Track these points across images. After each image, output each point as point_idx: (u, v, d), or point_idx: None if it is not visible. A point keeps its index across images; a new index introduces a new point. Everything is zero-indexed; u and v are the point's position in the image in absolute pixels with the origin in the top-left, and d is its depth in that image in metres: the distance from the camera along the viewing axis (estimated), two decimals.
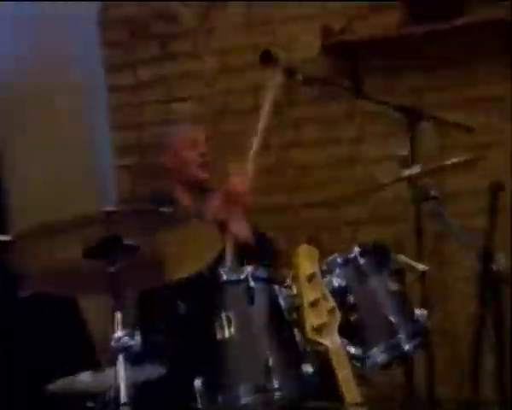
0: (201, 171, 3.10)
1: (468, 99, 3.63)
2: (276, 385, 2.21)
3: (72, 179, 3.68)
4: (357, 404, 2.08)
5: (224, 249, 2.64)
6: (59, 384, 2.26)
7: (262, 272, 2.36)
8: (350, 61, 3.72)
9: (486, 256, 2.68)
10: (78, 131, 3.81)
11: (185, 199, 3.10)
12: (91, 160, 3.88)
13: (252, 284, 2.30)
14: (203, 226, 2.16)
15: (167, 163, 3.12)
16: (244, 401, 2.21)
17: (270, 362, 2.19)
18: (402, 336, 2.42)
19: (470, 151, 3.17)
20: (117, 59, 4.05)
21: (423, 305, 2.76)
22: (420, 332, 2.48)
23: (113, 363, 1.99)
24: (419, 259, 2.77)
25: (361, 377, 2.30)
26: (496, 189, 2.96)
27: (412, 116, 2.96)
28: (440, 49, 3.62)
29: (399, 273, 2.57)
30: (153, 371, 2.29)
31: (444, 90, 3.67)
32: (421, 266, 2.65)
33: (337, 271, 2.45)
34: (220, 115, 3.91)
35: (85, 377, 2.29)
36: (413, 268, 2.61)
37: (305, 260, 2.22)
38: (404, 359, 2.69)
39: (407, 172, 2.72)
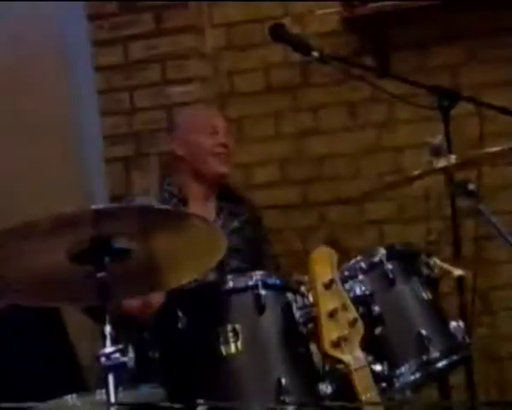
0: (220, 163, 2.99)
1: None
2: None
3: (53, 174, 3.71)
4: None
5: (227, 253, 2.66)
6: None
7: (273, 279, 2.39)
8: (374, 36, 3.74)
9: None
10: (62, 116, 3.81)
11: (198, 196, 3.01)
12: (77, 150, 3.87)
13: (262, 291, 2.31)
14: (206, 226, 2.16)
15: (177, 151, 3.02)
16: None
17: (283, 381, 2.22)
18: (435, 352, 2.43)
19: None
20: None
21: (460, 317, 2.78)
22: (456, 348, 2.51)
23: (103, 384, 1.96)
24: (455, 263, 2.78)
25: (388, 400, 2.33)
26: None
27: (447, 99, 2.97)
28: (482, 19, 3.63)
29: (432, 280, 2.60)
30: (149, 392, 2.31)
31: (485, 67, 3.69)
32: (457, 272, 2.67)
33: (360, 277, 2.47)
34: (225, 99, 3.93)
35: (71, 401, 2.31)
36: (448, 274, 2.62)
37: (323, 265, 2.23)
38: (437, 379, 2.71)
39: (441, 163, 2.71)
